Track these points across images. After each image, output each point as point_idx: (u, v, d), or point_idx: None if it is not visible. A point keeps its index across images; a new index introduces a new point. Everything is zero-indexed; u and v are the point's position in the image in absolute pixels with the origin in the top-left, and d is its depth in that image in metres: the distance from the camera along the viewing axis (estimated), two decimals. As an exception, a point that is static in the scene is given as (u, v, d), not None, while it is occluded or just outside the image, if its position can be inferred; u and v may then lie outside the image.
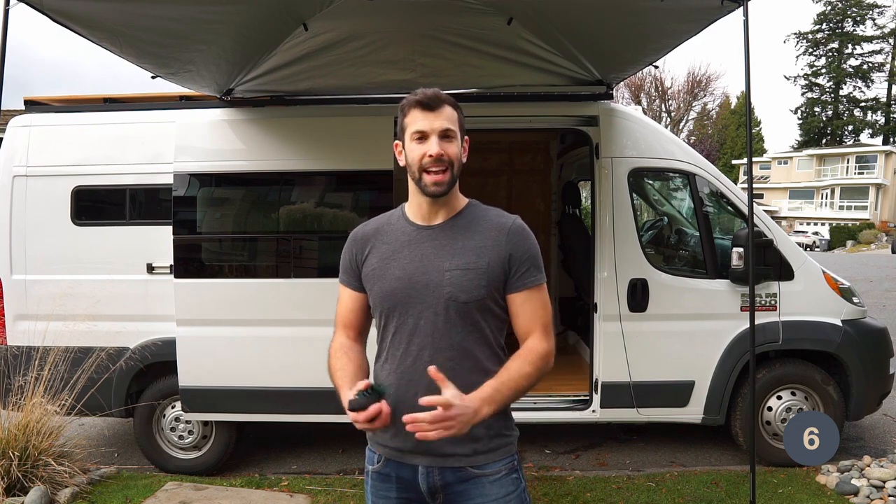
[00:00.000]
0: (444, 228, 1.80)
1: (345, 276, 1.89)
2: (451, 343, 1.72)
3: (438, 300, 1.71)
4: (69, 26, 3.07)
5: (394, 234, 1.83)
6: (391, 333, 1.78)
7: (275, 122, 4.40)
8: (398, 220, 1.87)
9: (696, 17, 3.30)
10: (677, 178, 4.95)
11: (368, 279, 1.81)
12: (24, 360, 4.25)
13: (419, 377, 1.67)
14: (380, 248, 1.82)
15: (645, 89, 33.42)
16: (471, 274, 1.73)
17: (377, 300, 1.79)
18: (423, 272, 1.73)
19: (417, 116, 1.72)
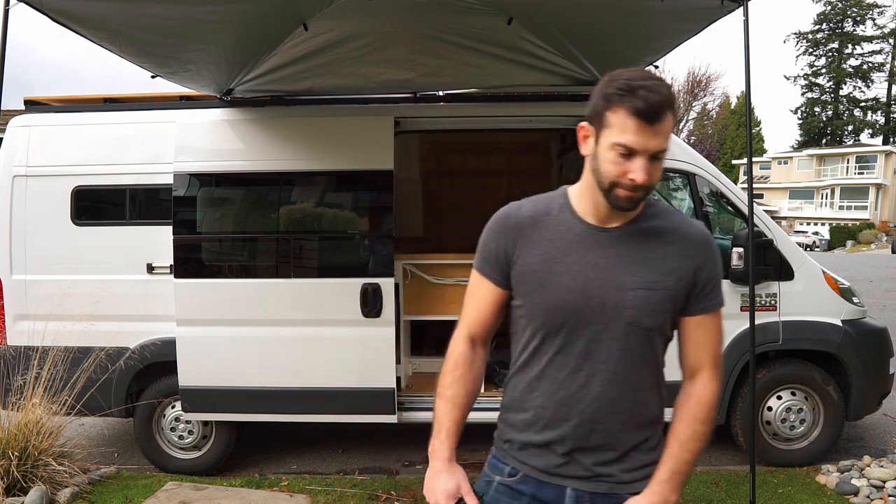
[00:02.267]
0: (624, 234, 1.49)
1: (486, 267, 1.58)
2: (626, 374, 1.48)
3: (617, 323, 1.45)
4: (69, 26, 3.07)
5: (557, 228, 1.52)
6: (551, 352, 1.50)
7: (275, 122, 4.40)
8: (562, 211, 1.56)
9: (696, 17, 3.30)
10: (677, 178, 4.94)
11: (525, 281, 1.52)
12: (24, 360, 4.25)
13: (582, 406, 1.48)
14: (540, 243, 1.51)
15: (645, 89, 33.35)
16: (658, 295, 1.46)
17: (537, 311, 1.50)
18: (599, 286, 1.45)
19: (629, 126, 1.36)
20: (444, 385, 1.60)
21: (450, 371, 1.61)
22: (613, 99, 1.38)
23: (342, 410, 4.36)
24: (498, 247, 1.56)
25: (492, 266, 1.58)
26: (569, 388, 1.49)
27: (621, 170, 1.40)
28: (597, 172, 1.47)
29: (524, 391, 1.57)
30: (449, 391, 1.60)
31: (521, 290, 1.54)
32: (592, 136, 1.49)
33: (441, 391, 1.60)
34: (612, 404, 1.48)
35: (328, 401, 4.32)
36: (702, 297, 1.50)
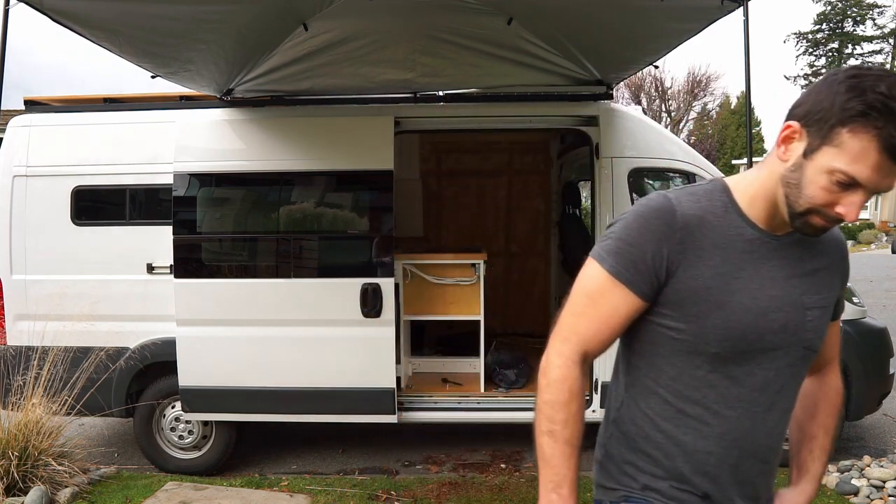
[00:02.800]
0: (790, 244, 1.27)
1: (630, 272, 1.25)
2: (791, 405, 1.34)
3: (796, 348, 1.27)
4: (69, 26, 3.07)
5: (726, 235, 1.24)
6: (722, 385, 1.26)
7: (275, 122, 4.40)
8: (727, 212, 1.25)
9: (696, 17, 3.30)
10: (677, 178, 4.94)
11: (694, 299, 1.23)
12: (24, 360, 4.25)
13: (754, 448, 1.29)
14: (711, 253, 1.23)
15: (645, 89, 33.41)
16: (827, 313, 1.31)
17: (709, 337, 1.23)
18: (780, 307, 1.24)
19: (871, 160, 1.07)
20: (558, 421, 1.30)
21: (563, 403, 1.30)
22: (859, 119, 1.06)
23: (342, 410, 4.36)
24: (656, 251, 1.23)
25: (640, 273, 1.24)
26: (741, 428, 1.27)
27: (831, 199, 1.13)
28: (793, 189, 1.17)
29: (678, 430, 1.29)
30: (566, 430, 1.29)
31: (684, 309, 1.24)
32: (803, 145, 1.16)
33: (552, 429, 1.31)
34: (779, 441, 1.33)
35: (328, 401, 4.32)
36: (838, 303, 1.38)
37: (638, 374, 1.34)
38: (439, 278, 4.82)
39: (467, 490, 4.16)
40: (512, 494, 4.08)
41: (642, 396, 1.34)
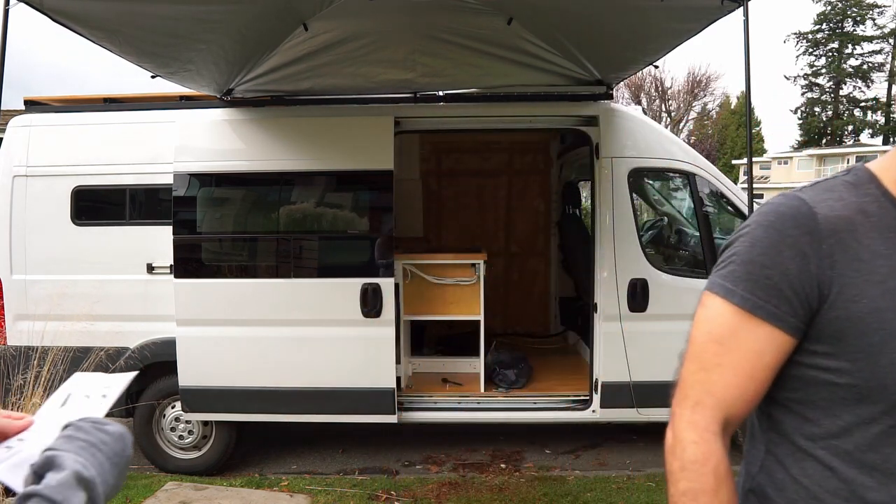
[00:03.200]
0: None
1: (769, 302, 0.96)
2: None
3: None
4: (69, 26, 3.07)
5: (888, 238, 0.95)
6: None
7: (275, 122, 4.40)
8: (882, 207, 0.97)
9: (696, 17, 3.30)
10: (677, 178, 4.95)
11: (858, 327, 0.93)
12: (24, 360, 4.25)
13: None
14: (872, 264, 0.94)
15: (645, 89, 33.43)
16: None
17: (889, 377, 0.92)
18: None
19: None
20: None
21: (711, 493, 0.96)
22: None
23: (342, 410, 4.36)
24: (802, 269, 0.94)
25: (785, 301, 0.95)
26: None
27: None
28: None
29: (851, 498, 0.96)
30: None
31: (846, 343, 0.94)
32: None
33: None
34: None
35: (328, 401, 4.32)
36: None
37: (784, 430, 1.03)
38: (439, 278, 4.82)
39: (467, 490, 4.16)
40: (512, 494, 4.08)
41: (793, 460, 1.02)
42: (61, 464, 0.75)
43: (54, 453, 0.77)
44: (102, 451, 0.81)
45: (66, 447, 0.78)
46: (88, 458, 0.78)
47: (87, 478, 0.75)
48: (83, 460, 0.77)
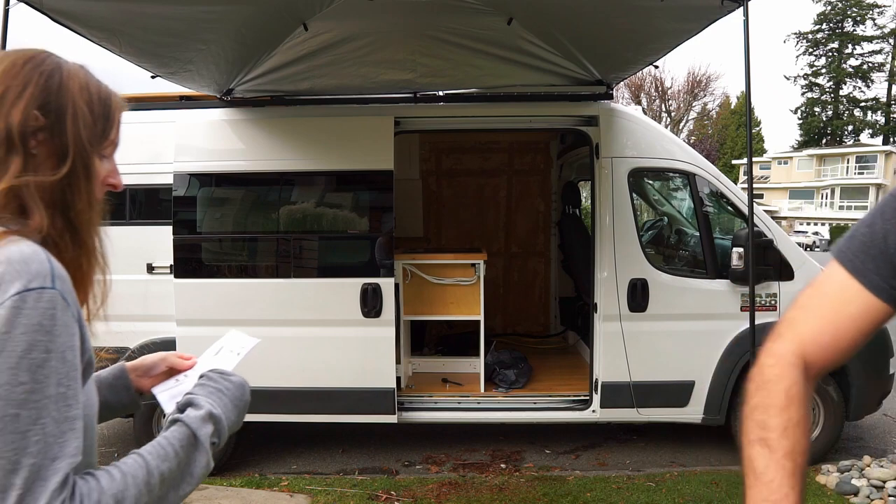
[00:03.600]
0: None
1: (857, 258, 0.95)
2: None
3: None
4: (69, 26, 3.07)
5: None
6: None
7: (275, 122, 4.40)
8: None
9: (696, 17, 3.30)
10: (677, 178, 4.95)
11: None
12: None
13: None
14: None
15: (645, 89, 33.42)
16: None
17: None
18: None
19: None
20: (773, 428, 0.98)
21: (779, 407, 0.97)
22: None
23: (342, 410, 4.36)
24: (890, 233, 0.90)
25: (872, 261, 0.93)
26: None
27: None
28: None
29: None
30: (784, 440, 0.96)
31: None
32: None
33: (765, 437, 0.99)
34: None
35: (328, 401, 4.32)
36: None
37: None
38: (439, 278, 4.82)
39: (467, 490, 4.16)
40: (512, 494, 4.08)
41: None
42: (198, 403, 1.04)
43: (193, 396, 1.05)
44: (227, 395, 1.08)
45: (200, 392, 1.07)
46: (216, 400, 1.06)
47: (215, 415, 1.03)
48: (213, 401, 1.05)
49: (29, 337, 0.82)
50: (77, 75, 0.97)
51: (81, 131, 0.95)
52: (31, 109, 0.91)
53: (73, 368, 0.87)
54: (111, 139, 1.02)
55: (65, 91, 0.94)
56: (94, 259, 1.06)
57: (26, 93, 0.91)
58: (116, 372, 1.29)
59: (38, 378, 0.81)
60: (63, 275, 0.89)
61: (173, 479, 0.98)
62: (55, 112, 0.93)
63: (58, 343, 0.84)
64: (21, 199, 0.91)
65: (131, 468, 0.94)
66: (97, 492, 0.85)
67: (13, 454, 0.79)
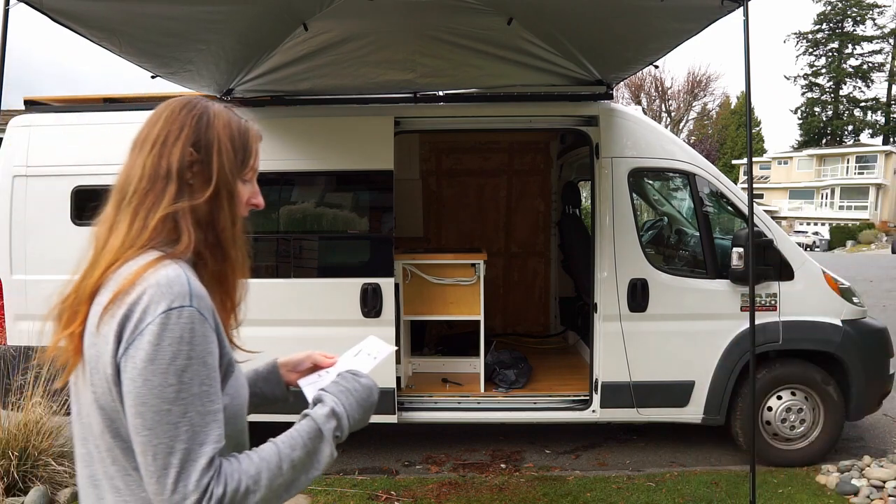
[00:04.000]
0: None
1: None
2: None
3: None
4: (69, 26, 3.07)
5: None
6: None
7: (275, 122, 4.40)
8: None
9: (696, 17, 3.30)
10: (677, 178, 4.95)
11: None
12: (24, 360, 4.25)
13: None
14: None
15: (645, 89, 33.42)
16: None
17: None
18: None
19: None
20: None
21: None
22: None
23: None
24: None
25: None
26: None
27: None
28: None
29: None
30: None
31: None
32: None
33: None
34: None
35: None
36: None
37: None
38: (439, 278, 4.82)
39: (467, 490, 4.16)
40: (512, 494, 4.08)
41: None
42: (326, 401, 1.19)
43: (323, 394, 1.21)
44: (353, 395, 1.22)
45: (332, 390, 1.22)
46: (344, 399, 1.20)
47: (338, 412, 1.18)
48: (339, 400, 1.19)
49: (174, 347, 1.01)
50: (221, 115, 1.19)
51: (225, 162, 1.16)
52: (187, 147, 1.14)
53: (213, 370, 1.05)
54: (251, 166, 1.22)
55: (212, 129, 1.16)
56: (237, 268, 1.22)
57: (182, 134, 1.14)
58: (270, 367, 1.48)
59: (184, 380, 1.01)
60: (201, 293, 1.07)
61: (302, 466, 1.12)
62: (205, 147, 1.15)
63: (197, 351, 1.03)
64: (175, 223, 1.12)
65: (266, 454, 1.09)
66: (238, 472, 1.03)
67: (169, 441, 0.99)
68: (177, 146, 1.14)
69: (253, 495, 1.04)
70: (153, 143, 1.16)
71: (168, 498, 0.99)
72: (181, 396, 1.00)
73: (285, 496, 1.10)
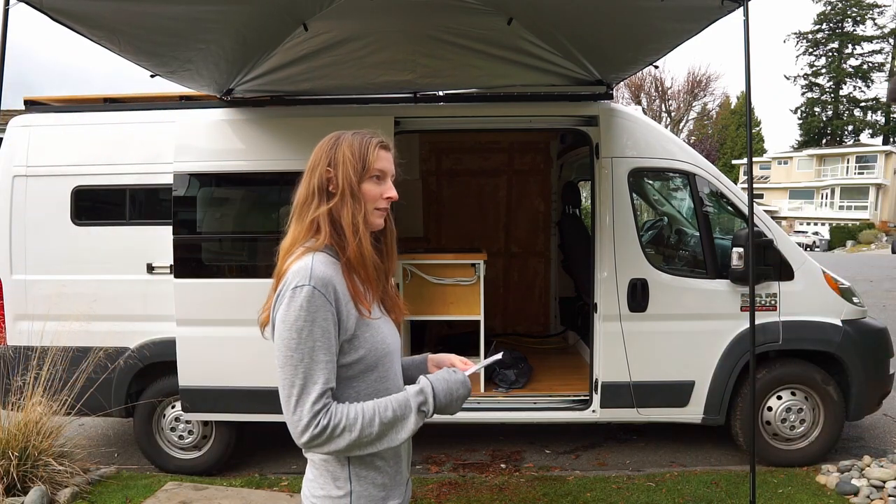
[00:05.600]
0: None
1: None
2: None
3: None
4: (69, 25, 3.07)
5: None
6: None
7: (275, 122, 4.40)
8: None
9: (696, 17, 3.30)
10: (677, 178, 4.95)
11: None
12: (24, 360, 4.25)
13: None
14: None
15: (645, 89, 33.40)
16: None
17: None
18: None
19: None
20: None
21: None
22: None
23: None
24: None
25: None
26: None
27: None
28: None
29: None
30: None
31: None
32: None
33: None
34: None
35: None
36: None
37: None
38: (439, 278, 4.82)
39: (467, 490, 4.16)
40: (512, 494, 4.08)
41: None
42: (420, 382, 1.53)
43: (422, 378, 1.54)
44: (445, 384, 1.53)
45: (431, 377, 1.54)
46: (436, 384, 1.52)
47: (425, 392, 1.50)
48: (431, 384, 1.52)
49: (296, 313, 1.41)
50: (348, 137, 1.58)
51: (348, 170, 1.54)
52: (325, 167, 1.56)
53: (326, 332, 1.43)
54: (371, 168, 1.56)
55: (339, 149, 1.56)
56: (363, 253, 1.53)
57: (323, 159, 1.57)
58: (422, 358, 1.83)
59: (302, 337, 1.41)
60: (321, 275, 1.45)
61: (390, 424, 1.45)
62: (334, 165, 1.55)
63: (313, 316, 1.41)
64: (318, 224, 1.55)
65: (367, 408, 1.44)
66: (342, 413, 1.42)
67: (291, 377, 1.43)
68: (320, 167, 1.56)
69: (349, 433, 1.41)
70: (309, 169, 1.59)
71: (290, 417, 1.45)
72: (299, 347, 1.41)
73: (376, 445, 1.44)
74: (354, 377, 1.49)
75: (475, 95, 4.60)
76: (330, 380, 1.43)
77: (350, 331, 1.48)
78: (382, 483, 1.54)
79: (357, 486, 1.51)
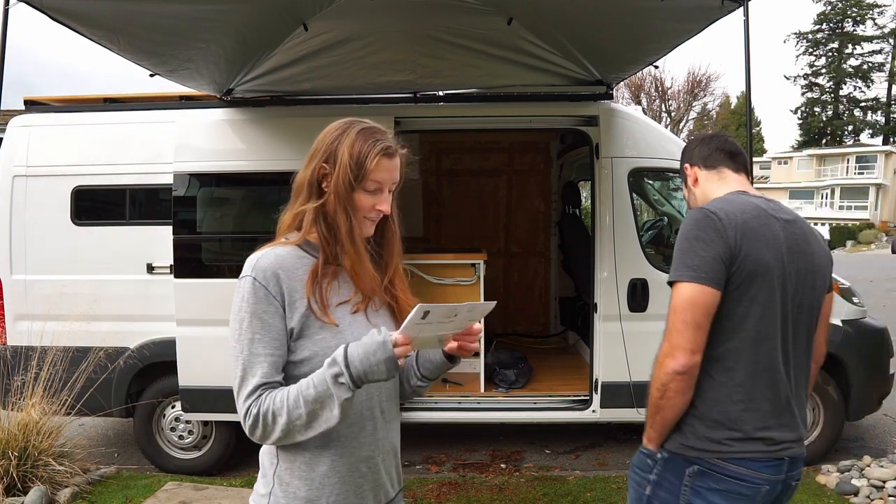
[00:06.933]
0: None
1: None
2: None
3: None
4: (69, 25, 3.07)
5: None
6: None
7: (275, 122, 4.40)
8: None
9: (696, 17, 3.30)
10: (677, 178, 4.94)
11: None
12: (24, 360, 4.25)
13: None
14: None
15: (645, 89, 33.40)
16: None
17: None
18: None
19: None
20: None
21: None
22: None
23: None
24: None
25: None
26: None
27: None
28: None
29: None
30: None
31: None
32: None
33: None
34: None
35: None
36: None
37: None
38: (439, 278, 4.82)
39: (467, 490, 4.16)
40: (512, 494, 4.08)
41: None
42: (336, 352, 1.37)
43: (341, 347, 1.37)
44: (362, 347, 1.35)
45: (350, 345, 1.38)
46: (352, 351, 1.35)
47: (337, 360, 1.35)
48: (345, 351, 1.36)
49: (237, 304, 1.43)
50: (351, 135, 1.46)
51: (341, 175, 1.44)
52: (321, 162, 1.47)
53: (266, 325, 1.39)
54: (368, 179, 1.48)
55: (340, 147, 1.45)
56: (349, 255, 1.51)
57: (321, 151, 1.47)
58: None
59: (242, 328, 1.40)
60: (264, 267, 1.45)
61: (315, 402, 1.34)
62: (332, 163, 1.45)
63: (252, 308, 1.40)
64: (301, 219, 1.50)
65: (290, 390, 1.37)
66: (269, 399, 1.37)
67: (234, 368, 1.41)
68: (316, 160, 1.47)
69: (280, 418, 1.35)
70: (310, 155, 1.49)
71: (236, 400, 1.42)
72: (240, 339, 1.39)
73: (313, 426, 1.35)
74: (304, 377, 1.38)
75: (475, 95, 4.60)
76: (271, 374, 1.38)
77: (295, 329, 1.42)
78: (306, 497, 1.43)
79: (278, 490, 1.45)
